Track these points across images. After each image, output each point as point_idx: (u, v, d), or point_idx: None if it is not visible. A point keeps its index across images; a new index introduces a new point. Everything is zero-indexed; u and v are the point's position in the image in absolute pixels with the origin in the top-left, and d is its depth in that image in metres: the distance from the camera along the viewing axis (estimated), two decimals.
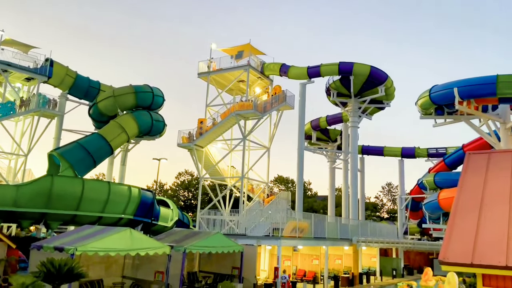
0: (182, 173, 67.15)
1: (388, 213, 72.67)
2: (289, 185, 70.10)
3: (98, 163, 28.87)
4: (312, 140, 46.98)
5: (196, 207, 41.10)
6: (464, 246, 7.09)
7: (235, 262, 22.41)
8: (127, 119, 31.06)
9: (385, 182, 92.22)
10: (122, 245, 15.58)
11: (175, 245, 19.01)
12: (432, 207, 35.17)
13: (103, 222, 23.89)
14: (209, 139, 33.87)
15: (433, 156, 47.56)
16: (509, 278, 6.70)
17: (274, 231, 25.21)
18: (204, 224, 31.56)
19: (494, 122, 23.87)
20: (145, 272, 19.27)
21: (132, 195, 25.40)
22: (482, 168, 9.31)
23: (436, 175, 37.73)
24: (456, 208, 8.27)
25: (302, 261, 32.07)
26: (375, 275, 35.92)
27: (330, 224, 30.95)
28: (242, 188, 32.12)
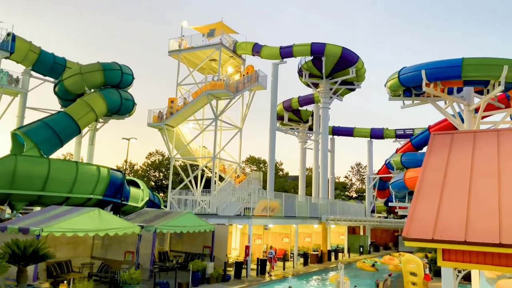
0: (152, 153, 66.32)
1: (357, 193, 74.56)
2: (260, 166, 70.55)
3: (65, 142, 28.06)
4: (284, 120, 47.26)
5: (167, 188, 40.81)
6: (426, 223, 7.36)
7: (206, 241, 22.56)
8: (95, 98, 30.19)
9: (355, 162, 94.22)
10: (90, 226, 15.36)
11: (145, 225, 18.91)
12: (398, 186, 36.31)
13: (71, 202, 23.40)
14: (180, 118, 33.45)
15: (400, 137, 48.83)
16: (467, 253, 7.03)
17: (245, 211, 25.45)
18: (175, 204, 31.47)
19: (459, 104, 24.66)
20: (115, 252, 19.14)
21: (101, 175, 24.91)
22: (446, 148, 9.63)
23: (403, 155, 38.84)
24: (420, 186, 8.55)
25: (272, 239, 32.64)
26: (343, 252, 37.05)
27: (300, 203, 31.51)
28: (214, 168, 32.08)
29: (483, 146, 9.27)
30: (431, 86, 22.22)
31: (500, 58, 21.19)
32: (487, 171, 8.35)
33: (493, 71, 20.78)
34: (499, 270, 7.03)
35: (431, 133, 10.59)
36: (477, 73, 21.07)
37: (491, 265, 6.85)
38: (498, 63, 20.75)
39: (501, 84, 20.54)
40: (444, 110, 24.68)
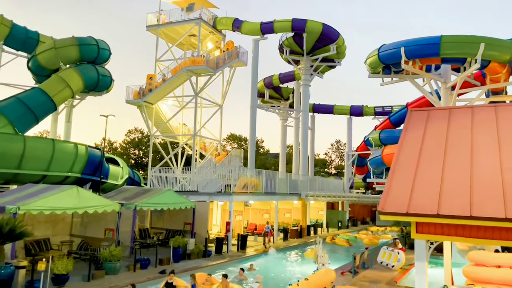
0: (132, 131, 65.40)
1: (336, 169, 75.66)
2: (241, 143, 70.58)
3: (40, 119, 27.35)
4: (265, 98, 47.13)
5: (147, 165, 40.53)
6: (401, 197, 7.56)
7: (187, 218, 22.67)
8: (71, 73, 29.36)
9: (334, 140, 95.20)
10: (68, 204, 15.20)
11: (125, 203, 18.83)
12: (376, 163, 36.94)
13: (48, 180, 23.02)
14: (159, 95, 32.93)
15: (379, 114, 49.46)
16: (439, 225, 7.28)
17: (226, 188, 25.58)
18: (155, 182, 31.32)
19: (436, 82, 25.01)
20: (94, 230, 19.07)
21: (79, 153, 24.50)
22: (422, 125, 9.81)
23: (381, 132, 39.40)
24: (396, 162, 8.73)
25: (253, 216, 33.05)
26: (322, 227, 37.86)
27: (281, 180, 31.84)
28: (195, 146, 31.92)
29: (458, 122, 9.47)
30: (410, 64, 22.42)
31: (477, 36, 21.45)
32: (460, 146, 8.56)
33: (470, 48, 21.05)
34: (470, 242, 7.31)
35: (408, 110, 10.74)
36: (454, 51, 21.31)
37: (462, 236, 7.12)
38: (475, 41, 21.01)
39: (477, 62, 20.86)
40: (422, 87, 25.02)
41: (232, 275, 16.80)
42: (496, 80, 23.35)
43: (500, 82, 23.24)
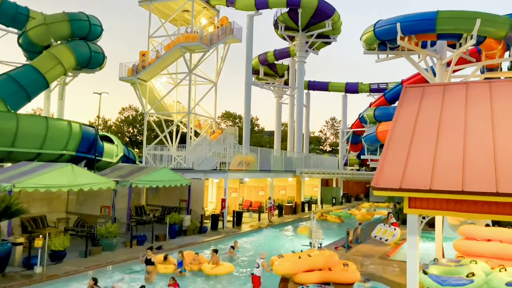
0: (126, 109, 64.99)
1: (331, 146, 76.04)
2: (236, 121, 70.45)
3: (32, 97, 27.04)
4: (260, 75, 46.80)
5: (142, 143, 40.46)
6: (395, 173, 7.63)
7: (183, 195, 22.82)
8: (63, 50, 28.87)
9: (329, 117, 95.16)
10: (63, 181, 15.22)
11: (120, 180, 18.89)
12: (370, 140, 37.17)
13: (42, 158, 22.91)
14: (153, 72, 32.57)
15: (374, 91, 49.40)
16: (431, 200, 7.38)
17: (221, 165, 25.68)
18: (150, 159, 31.34)
19: (432, 58, 24.90)
20: (90, 207, 19.16)
21: (73, 130, 24.32)
22: (416, 101, 9.82)
23: (376, 109, 39.47)
24: (390, 138, 8.77)
25: (248, 193, 33.31)
26: (316, 204, 38.31)
27: (276, 157, 31.98)
28: (189, 123, 31.81)
29: (452, 98, 9.49)
30: (406, 40, 22.26)
31: (473, 12, 21.26)
32: (454, 123, 8.61)
33: (466, 24, 20.89)
34: (461, 216, 7.45)
35: (403, 86, 10.73)
36: (450, 26, 21.15)
37: (454, 211, 7.24)
38: (471, 16, 20.83)
39: (473, 38, 20.74)
40: (417, 64, 24.91)
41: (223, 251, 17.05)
42: (492, 56, 23.29)
43: (495, 59, 23.19)
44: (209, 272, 14.10)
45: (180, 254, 14.30)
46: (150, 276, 13.05)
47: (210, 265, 14.37)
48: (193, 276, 14.10)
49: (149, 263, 13.09)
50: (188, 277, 13.90)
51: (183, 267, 13.98)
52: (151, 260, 13.10)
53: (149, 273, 13.06)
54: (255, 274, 12.51)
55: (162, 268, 14.00)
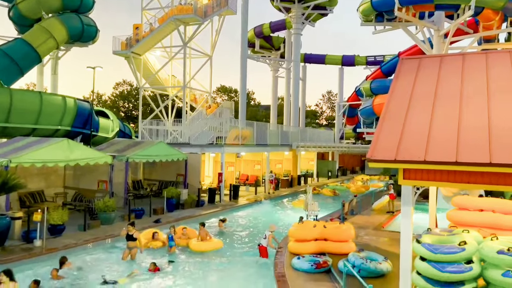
0: (120, 83, 64.32)
1: (327, 120, 76.06)
2: (232, 95, 70.03)
3: (25, 71, 26.69)
4: (256, 48, 46.21)
5: (137, 118, 40.23)
6: (390, 145, 7.66)
7: (180, 170, 22.94)
8: (54, 23, 28.31)
9: (326, 90, 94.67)
10: (60, 156, 15.22)
11: (117, 155, 18.93)
12: (367, 113, 37.17)
13: (38, 134, 22.83)
14: (147, 46, 32.06)
15: (371, 64, 49.04)
16: (426, 171, 7.45)
17: (217, 139, 25.72)
18: (146, 134, 31.27)
19: (429, 30, 24.62)
20: (88, 182, 19.26)
21: (67, 105, 24.15)
22: (413, 73, 9.76)
23: (372, 82, 39.28)
24: (386, 110, 8.76)
25: (245, 167, 33.49)
26: (312, 177, 38.64)
27: (272, 131, 32.01)
28: (185, 98, 31.59)
29: (449, 70, 9.44)
30: (403, 11, 21.93)
31: None
32: (450, 94, 8.59)
33: None
34: (455, 186, 7.55)
35: (400, 58, 10.65)
36: None
37: (447, 182, 7.33)
38: None
39: (471, 8, 20.47)
40: (415, 35, 24.64)
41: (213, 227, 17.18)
42: (489, 27, 23.05)
43: (492, 30, 22.96)
44: (195, 248, 13.73)
45: (173, 229, 14.06)
46: (131, 253, 12.56)
47: (197, 241, 14.02)
48: (182, 254, 13.59)
49: (130, 239, 12.52)
50: (177, 254, 13.48)
51: (173, 242, 13.71)
52: (133, 236, 12.51)
53: (130, 249, 12.57)
54: (262, 244, 12.88)
55: (149, 245, 13.76)
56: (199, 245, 13.83)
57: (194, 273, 11.86)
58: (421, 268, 7.72)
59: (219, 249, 14.01)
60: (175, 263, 12.48)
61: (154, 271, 11.45)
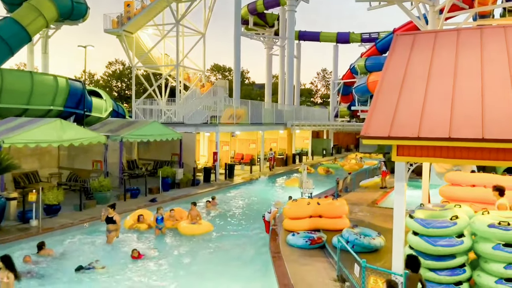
0: (112, 62, 63.50)
1: (322, 98, 75.85)
2: (226, 74, 69.45)
3: (15, 51, 26.17)
4: (249, 25, 45.54)
5: (131, 98, 39.88)
6: (384, 122, 7.67)
7: (174, 149, 22.92)
8: (43, 1, 27.60)
9: (320, 68, 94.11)
10: (53, 136, 15.12)
11: (111, 135, 18.84)
12: (361, 90, 37.07)
13: (30, 114, 22.61)
14: (139, 24, 31.52)
15: (366, 41, 48.66)
16: (419, 148, 7.50)
17: (212, 119, 25.64)
18: (140, 114, 31.08)
19: (424, 5, 24.31)
20: (82, 162, 19.23)
21: (59, 85, 23.87)
22: (407, 49, 9.69)
23: (367, 59, 38.99)
24: (380, 87, 8.74)
25: (240, 146, 33.56)
26: (307, 155, 38.80)
27: (266, 110, 31.93)
28: (178, 76, 31.28)
29: (443, 46, 9.39)
30: None
31: None
32: (444, 70, 8.57)
33: None
34: (448, 162, 7.62)
35: (394, 34, 10.55)
36: None
37: (440, 157, 7.39)
38: None
39: None
40: (410, 11, 24.33)
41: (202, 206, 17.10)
42: (484, 2, 22.82)
43: (488, 5, 22.74)
44: (185, 231, 13.30)
45: (161, 210, 13.68)
46: (110, 236, 12.06)
47: (186, 223, 13.55)
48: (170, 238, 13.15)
49: (110, 222, 11.98)
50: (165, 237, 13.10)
51: (163, 224, 13.33)
52: (113, 218, 11.95)
53: (110, 232, 12.03)
54: (265, 218, 13.22)
55: (134, 226, 13.53)
56: (189, 228, 13.38)
57: (183, 258, 11.35)
58: (413, 242, 7.86)
59: (209, 232, 13.58)
60: (163, 248, 12.06)
61: (138, 257, 10.90)
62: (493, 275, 7.32)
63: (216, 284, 9.56)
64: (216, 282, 9.63)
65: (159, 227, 13.25)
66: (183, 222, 13.73)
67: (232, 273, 10.20)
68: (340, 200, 13.43)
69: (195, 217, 13.76)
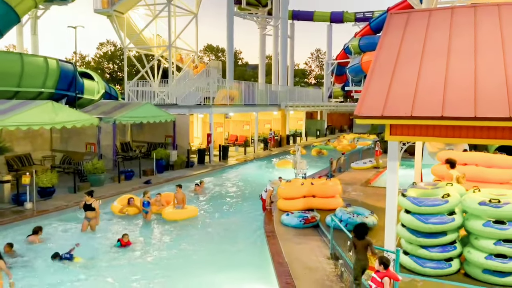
0: (104, 44, 62.52)
1: (316, 79, 75.54)
2: (219, 54, 68.74)
3: (4, 32, 25.58)
4: (242, 4, 44.74)
5: (123, 80, 39.46)
6: (377, 101, 7.68)
7: (168, 131, 22.84)
8: None
9: (314, 48, 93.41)
10: (45, 119, 14.98)
11: (104, 117, 18.72)
12: (355, 70, 36.94)
13: (20, 97, 22.32)
14: (130, 3, 30.90)
15: (360, 21, 48.25)
16: (412, 127, 7.54)
17: (205, 100, 25.49)
18: (133, 96, 30.79)
19: None
20: (75, 144, 19.14)
21: (50, 67, 23.47)
22: (401, 28, 9.63)
23: (361, 39, 38.74)
24: (374, 67, 8.71)
25: (234, 127, 33.51)
26: (301, 136, 38.88)
27: (260, 91, 31.78)
28: (170, 58, 30.90)
29: (437, 24, 9.34)
30: None
31: None
32: (437, 49, 8.54)
33: None
34: (440, 141, 7.71)
35: (388, 13, 10.46)
36: None
37: (433, 136, 7.44)
38: None
39: None
40: None
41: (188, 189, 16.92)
42: None
43: None
44: (168, 217, 12.86)
45: (148, 194, 13.06)
46: (90, 224, 11.50)
47: (171, 209, 13.09)
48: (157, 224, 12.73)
49: (88, 209, 11.35)
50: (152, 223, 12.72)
51: (149, 208, 12.85)
52: (91, 205, 11.34)
53: (89, 220, 11.47)
54: (262, 196, 13.49)
55: (124, 211, 13.13)
56: (173, 213, 12.91)
57: (171, 244, 10.92)
58: (405, 220, 7.98)
59: (194, 216, 13.16)
60: (149, 234, 11.74)
61: (125, 245, 10.36)
62: (483, 251, 7.49)
63: (210, 265, 9.64)
64: (210, 264, 9.70)
65: (146, 210, 12.80)
66: (168, 207, 13.25)
67: (226, 253, 10.31)
68: (333, 180, 13.53)
69: (181, 200, 13.18)
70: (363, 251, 7.00)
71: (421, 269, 7.79)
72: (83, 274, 8.88)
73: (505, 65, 7.56)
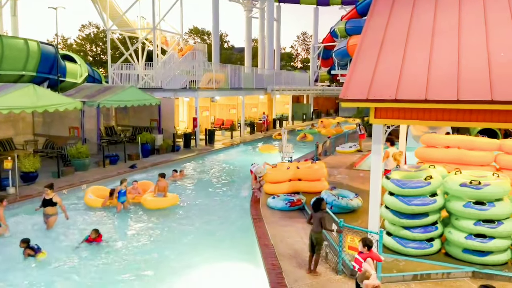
0: (86, 25, 61.05)
1: (302, 62, 75.35)
2: (205, 38, 67.84)
3: None
4: None
5: (106, 63, 38.69)
6: (362, 85, 7.70)
7: (153, 115, 22.62)
8: None
9: (301, 32, 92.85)
10: (26, 102, 14.67)
11: (87, 101, 18.41)
12: (341, 54, 36.82)
13: (1, 80, 21.76)
14: None
15: (346, 4, 47.96)
16: (396, 110, 7.60)
17: (191, 84, 25.21)
18: (117, 79, 30.29)
19: None
20: (58, 128, 18.84)
21: (30, 49, 22.84)
22: (387, 10, 9.61)
23: (347, 22, 38.50)
24: (359, 50, 8.71)
25: (220, 111, 33.35)
26: (287, 120, 38.93)
27: (246, 75, 31.58)
28: (155, 40, 30.36)
29: (422, 6, 9.34)
30: None
31: None
32: (422, 32, 8.57)
33: None
34: (424, 124, 7.77)
35: None
36: None
37: (417, 119, 7.52)
38: None
39: None
40: None
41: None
42: None
43: None
44: (149, 205, 12.10)
45: (125, 183, 12.10)
46: (49, 221, 10.23)
47: (150, 197, 12.35)
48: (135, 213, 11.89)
49: (48, 204, 10.12)
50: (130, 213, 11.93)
51: (125, 197, 12.03)
52: (52, 200, 10.13)
53: (48, 217, 10.20)
54: (252, 170, 14.22)
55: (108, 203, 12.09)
56: (154, 201, 12.15)
57: (152, 236, 10.19)
58: (389, 202, 8.12)
59: (176, 204, 12.49)
60: (126, 226, 10.94)
61: (96, 240, 9.33)
62: (463, 231, 7.68)
63: (195, 249, 9.68)
64: (195, 248, 9.75)
65: (122, 200, 11.89)
66: (147, 195, 12.49)
67: (212, 238, 10.34)
68: (318, 163, 13.63)
69: (162, 189, 12.46)
70: (317, 223, 7.59)
71: (403, 249, 7.97)
72: (38, 272, 8.09)
73: (487, 47, 7.64)
